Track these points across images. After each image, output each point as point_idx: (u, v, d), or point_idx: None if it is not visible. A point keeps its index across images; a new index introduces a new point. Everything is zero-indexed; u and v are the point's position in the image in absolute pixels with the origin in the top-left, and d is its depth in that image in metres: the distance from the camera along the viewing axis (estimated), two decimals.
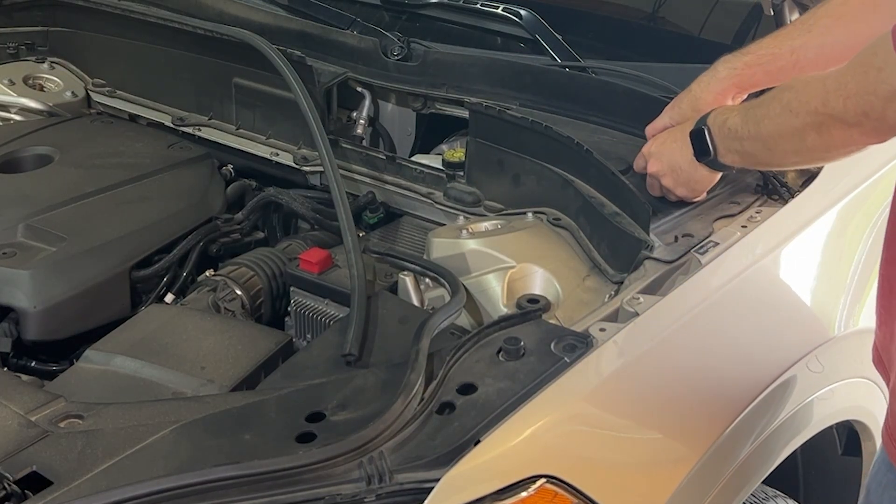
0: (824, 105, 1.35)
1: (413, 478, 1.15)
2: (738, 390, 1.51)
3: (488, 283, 1.65)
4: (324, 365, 1.46)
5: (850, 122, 1.33)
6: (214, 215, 2.04)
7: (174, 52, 2.38)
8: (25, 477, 1.24)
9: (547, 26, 2.19)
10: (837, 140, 1.38)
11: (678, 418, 1.42)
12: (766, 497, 1.83)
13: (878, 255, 1.53)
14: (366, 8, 2.48)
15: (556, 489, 1.19)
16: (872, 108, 1.29)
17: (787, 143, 1.45)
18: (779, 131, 1.45)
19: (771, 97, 1.47)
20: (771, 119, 1.45)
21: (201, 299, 1.82)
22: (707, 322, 1.49)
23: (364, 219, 2.06)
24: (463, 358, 1.33)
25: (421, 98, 2.19)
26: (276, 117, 2.24)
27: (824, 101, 1.35)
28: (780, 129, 1.44)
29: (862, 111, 1.30)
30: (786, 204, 1.68)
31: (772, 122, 1.45)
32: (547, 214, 1.80)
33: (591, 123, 1.93)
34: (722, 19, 2.30)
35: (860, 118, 1.31)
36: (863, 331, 1.78)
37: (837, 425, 1.85)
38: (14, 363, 1.76)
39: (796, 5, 1.80)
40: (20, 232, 1.86)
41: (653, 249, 1.54)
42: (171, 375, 1.54)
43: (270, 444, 1.24)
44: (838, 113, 1.33)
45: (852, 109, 1.31)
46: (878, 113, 1.29)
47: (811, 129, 1.38)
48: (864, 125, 1.32)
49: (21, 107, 2.44)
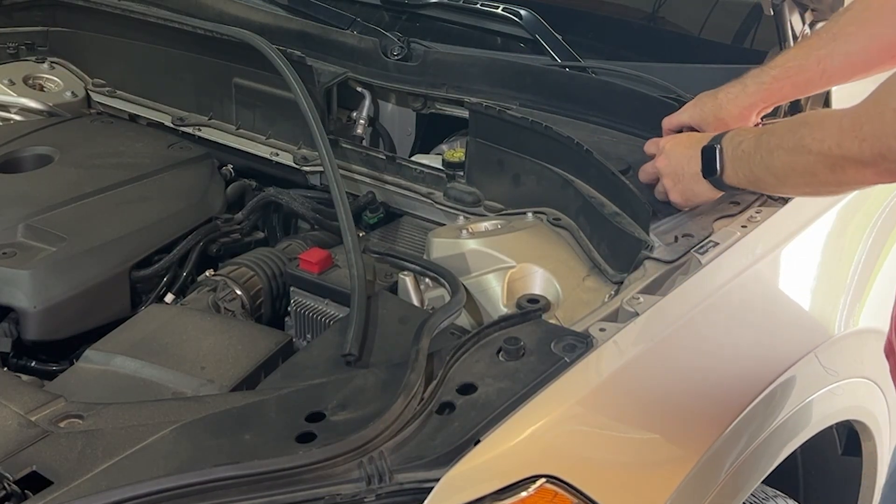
0: (839, 146, 1.34)
1: (413, 478, 1.15)
2: (738, 390, 1.51)
3: (488, 283, 1.65)
4: (324, 365, 1.46)
5: (865, 163, 1.32)
6: (214, 215, 2.04)
7: (174, 52, 2.38)
8: (25, 477, 1.24)
9: (547, 26, 2.19)
10: (850, 178, 1.36)
11: (678, 418, 1.42)
12: (766, 497, 1.83)
13: (877, 255, 1.53)
14: (366, 8, 2.48)
15: (556, 489, 1.19)
16: (890, 150, 1.27)
17: (799, 177, 1.44)
18: (791, 165, 1.44)
19: (786, 128, 1.46)
20: (784, 151, 1.44)
21: (201, 299, 1.82)
22: (707, 322, 1.49)
23: (364, 219, 2.06)
24: (463, 358, 1.33)
25: (421, 98, 2.19)
26: (276, 117, 2.24)
27: (839, 143, 1.34)
28: (792, 163, 1.43)
29: (878, 153, 1.29)
30: (786, 204, 1.68)
31: (784, 154, 1.44)
32: (547, 214, 1.80)
33: (591, 123, 1.93)
34: (722, 19, 2.30)
35: (876, 159, 1.30)
36: (863, 331, 1.78)
37: (837, 425, 1.85)
38: (14, 363, 1.76)
39: (796, 5, 1.80)
40: (20, 232, 1.86)
41: (653, 249, 1.54)
42: (171, 375, 1.54)
43: (270, 444, 1.24)
44: (853, 155, 1.32)
45: (868, 151, 1.30)
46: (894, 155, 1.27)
47: (823, 167, 1.37)
48: (879, 165, 1.31)
49: (21, 107, 2.44)
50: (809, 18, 1.83)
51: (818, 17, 1.84)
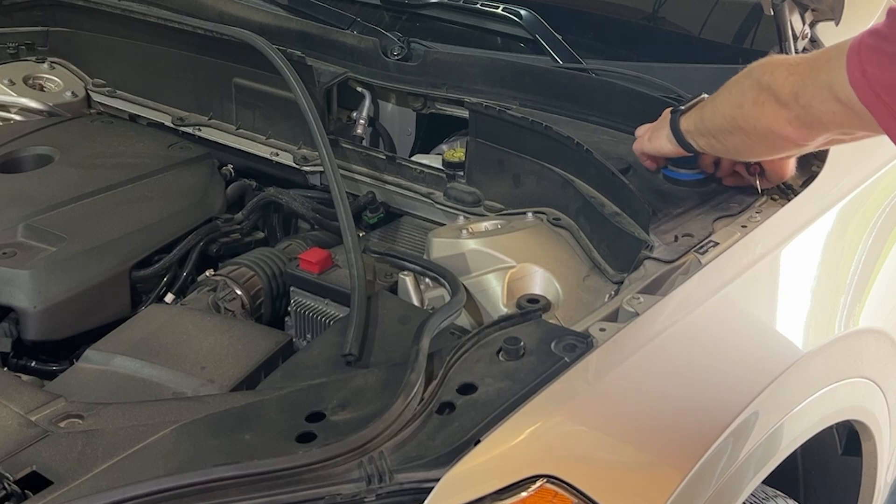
0: (771, 73, 1.44)
1: (413, 478, 1.15)
2: (739, 389, 1.50)
3: (488, 283, 1.65)
4: (324, 365, 1.46)
5: (781, 101, 1.41)
6: (214, 215, 2.04)
7: (174, 52, 2.38)
8: (25, 477, 1.24)
9: (547, 26, 2.19)
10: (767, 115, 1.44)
11: (678, 418, 1.42)
12: (766, 497, 1.83)
13: (878, 255, 1.54)
14: (366, 8, 2.48)
15: (556, 489, 1.19)
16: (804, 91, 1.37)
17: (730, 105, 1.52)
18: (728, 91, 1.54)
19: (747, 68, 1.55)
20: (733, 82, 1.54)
21: (201, 299, 1.82)
22: (707, 322, 1.49)
23: (364, 219, 2.06)
24: (463, 358, 1.33)
25: (421, 98, 2.19)
26: (276, 117, 2.24)
27: (772, 69, 1.44)
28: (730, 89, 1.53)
29: (794, 91, 1.38)
30: (786, 204, 1.68)
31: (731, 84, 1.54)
32: (547, 214, 1.80)
33: (591, 123, 1.93)
34: (722, 19, 2.30)
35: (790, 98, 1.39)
36: (863, 331, 1.78)
37: (837, 425, 1.85)
38: (14, 363, 1.76)
39: (796, 5, 1.80)
40: (20, 232, 1.86)
41: (653, 249, 1.54)
42: (171, 375, 1.54)
43: (270, 444, 1.24)
44: (777, 84, 1.41)
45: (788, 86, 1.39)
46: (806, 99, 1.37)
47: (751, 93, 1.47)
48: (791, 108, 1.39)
49: (21, 107, 2.44)
50: (809, 18, 1.83)
51: (818, 18, 1.84)
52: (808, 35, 1.83)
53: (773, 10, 1.78)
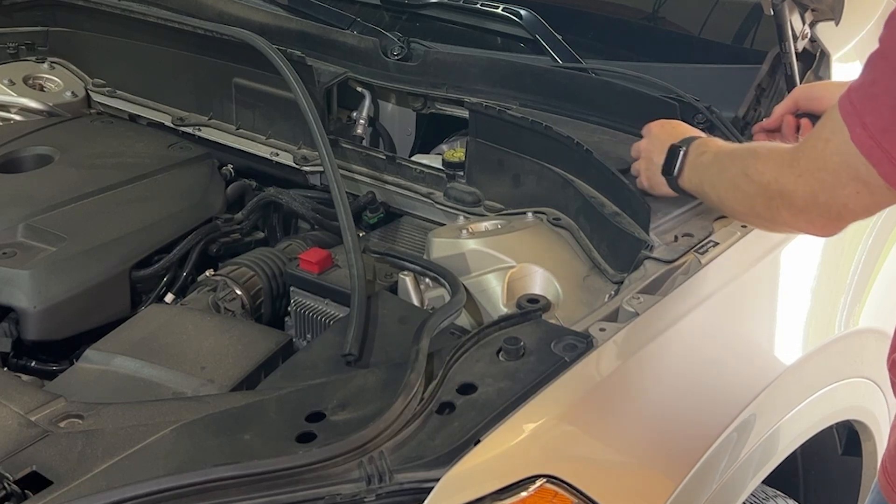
0: (776, 180, 1.30)
1: (413, 478, 1.15)
2: (738, 389, 1.51)
3: (488, 283, 1.65)
4: (324, 365, 1.46)
5: (798, 207, 1.28)
6: (214, 215, 2.04)
7: (174, 52, 2.38)
8: (25, 477, 1.25)
9: (547, 26, 2.19)
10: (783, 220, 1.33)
11: (678, 418, 1.42)
12: (766, 497, 1.83)
13: (878, 255, 1.53)
14: (366, 8, 2.48)
15: (556, 489, 1.19)
16: (823, 186, 1.23)
17: (738, 204, 1.43)
18: (733, 189, 1.42)
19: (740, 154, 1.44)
20: (731, 175, 1.42)
21: (201, 299, 1.82)
22: (707, 322, 1.49)
23: (364, 219, 2.06)
24: (463, 358, 1.33)
25: (421, 98, 2.19)
26: (276, 117, 2.24)
27: (777, 177, 1.30)
28: (734, 188, 1.41)
29: (811, 192, 1.25)
30: None
31: (730, 178, 1.42)
32: (547, 214, 1.80)
33: (591, 123, 1.93)
34: (722, 19, 2.30)
35: (808, 202, 1.26)
36: (863, 331, 1.78)
37: (837, 425, 1.85)
38: (14, 363, 1.76)
39: (796, 5, 1.80)
40: (20, 232, 1.86)
41: (653, 249, 1.54)
42: (171, 375, 1.54)
43: (270, 444, 1.24)
44: (788, 192, 1.28)
45: (801, 190, 1.26)
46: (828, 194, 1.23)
47: (761, 199, 1.34)
48: (811, 212, 1.27)
49: (21, 107, 2.44)
50: (809, 18, 1.83)
51: (818, 17, 1.84)
52: (808, 35, 1.83)
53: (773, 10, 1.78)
